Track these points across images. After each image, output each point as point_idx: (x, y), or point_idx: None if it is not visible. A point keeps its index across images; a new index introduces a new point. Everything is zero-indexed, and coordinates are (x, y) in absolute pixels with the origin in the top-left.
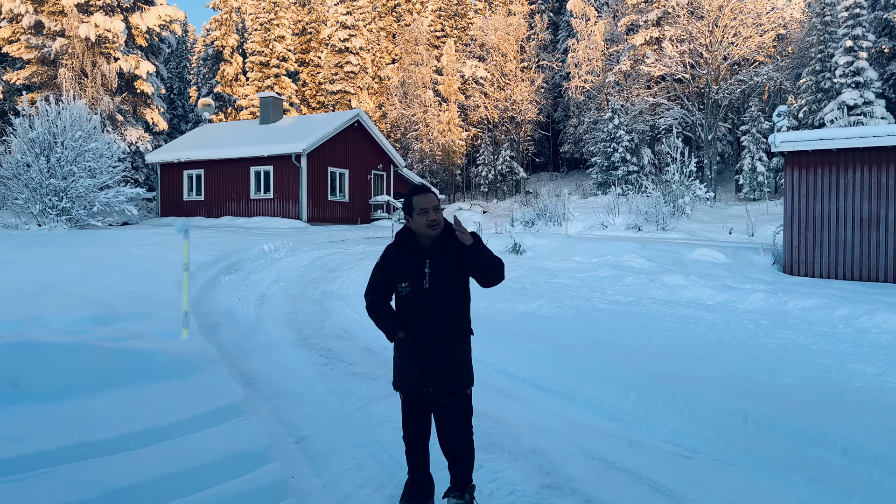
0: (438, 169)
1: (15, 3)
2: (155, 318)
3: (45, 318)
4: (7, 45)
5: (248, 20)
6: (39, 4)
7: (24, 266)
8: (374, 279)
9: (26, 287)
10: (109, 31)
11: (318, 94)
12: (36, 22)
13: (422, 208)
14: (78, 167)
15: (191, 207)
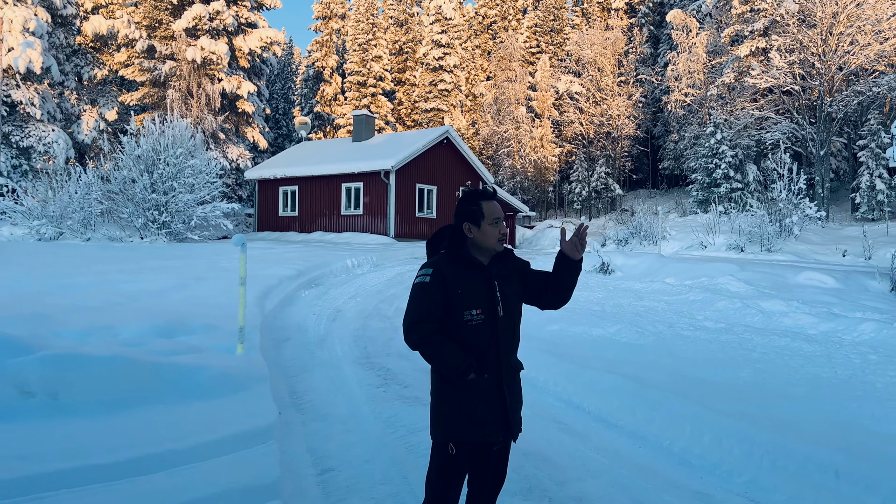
0: (530, 185)
1: (130, 29)
2: (219, 332)
3: (115, 329)
4: (123, 69)
5: (347, 41)
6: (152, 30)
7: (120, 277)
8: (427, 304)
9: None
10: (214, 54)
11: (412, 113)
12: (148, 46)
13: (495, 217)
14: (178, 183)
15: (285, 222)
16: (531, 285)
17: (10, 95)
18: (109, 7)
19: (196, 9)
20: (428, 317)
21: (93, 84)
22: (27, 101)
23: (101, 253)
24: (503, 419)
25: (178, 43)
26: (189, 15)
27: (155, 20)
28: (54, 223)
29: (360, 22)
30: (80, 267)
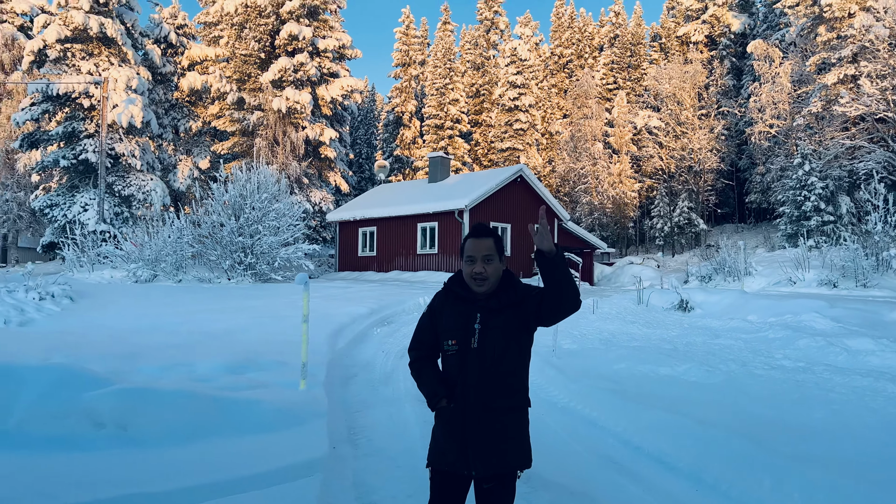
0: (609, 222)
1: (222, 83)
2: (287, 368)
3: (191, 366)
4: (215, 120)
5: (426, 86)
6: (241, 83)
7: (204, 316)
8: (419, 332)
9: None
10: (298, 103)
11: (489, 153)
12: (238, 99)
13: (468, 256)
14: (263, 226)
15: (364, 262)
16: (531, 304)
17: (114, 148)
18: (204, 63)
19: (282, 62)
20: (418, 345)
21: (188, 135)
22: (129, 154)
23: (189, 294)
24: (460, 451)
25: (265, 94)
26: (275, 68)
27: (244, 74)
28: (149, 266)
29: (438, 67)
30: (168, 307)
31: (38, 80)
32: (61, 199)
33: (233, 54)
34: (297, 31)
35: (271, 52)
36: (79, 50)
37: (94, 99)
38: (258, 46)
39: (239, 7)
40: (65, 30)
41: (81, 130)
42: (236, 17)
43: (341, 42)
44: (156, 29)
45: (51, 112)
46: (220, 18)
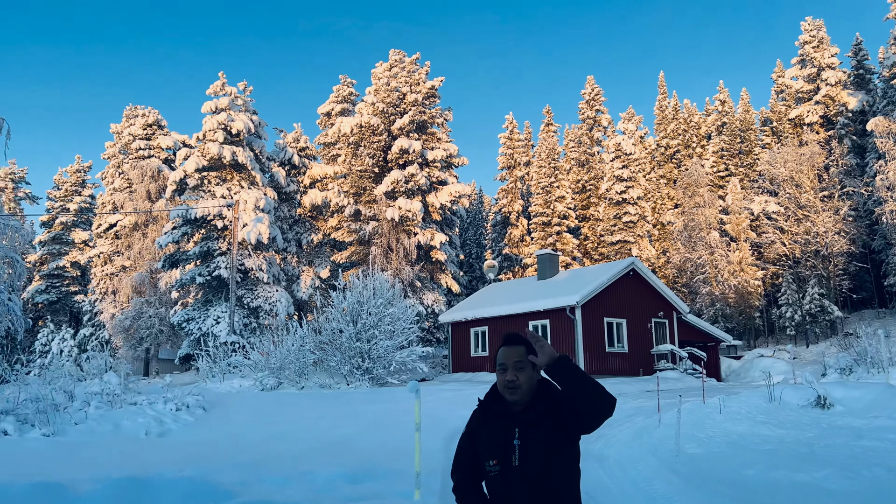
0: (732, 312)
1: (340, 197)
2: (403, 477)
3: (311, 475)
4: (334, 232)
5: (531, 185)
6: (357, 196)
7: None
8: (458, 454)
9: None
10: (410, 211)
11: (599, 246)
12: (355, 211)
13: (500, 364)
14: (379, 330)
15: (477, 363)
16: (565, 412)
17: (244, 264)
18: (324, 181)
19: (394, 174)
20: (458, 468)
21: (310, 247)
22: (257, 268)
23: (310, 401)
24: None
25: (379, 205)
26: (388, 180)
27: (360, 188)
28: (274, 374)
29: (543, 167)
30: (291, 415)
31: (179, 206)
32: (197, 314)
33: (349, 170)
34: (408, 146)
35: (384, 166)
36: (214, 177)
37: (226, 220)
38: (372, 162)
39: (354, 128)
40: (202, 160)
41: (215, 249)
42: (352, 137)
43: (448, 152)
44: (281, 153)
45: (189, 234)
46: (337, 139)
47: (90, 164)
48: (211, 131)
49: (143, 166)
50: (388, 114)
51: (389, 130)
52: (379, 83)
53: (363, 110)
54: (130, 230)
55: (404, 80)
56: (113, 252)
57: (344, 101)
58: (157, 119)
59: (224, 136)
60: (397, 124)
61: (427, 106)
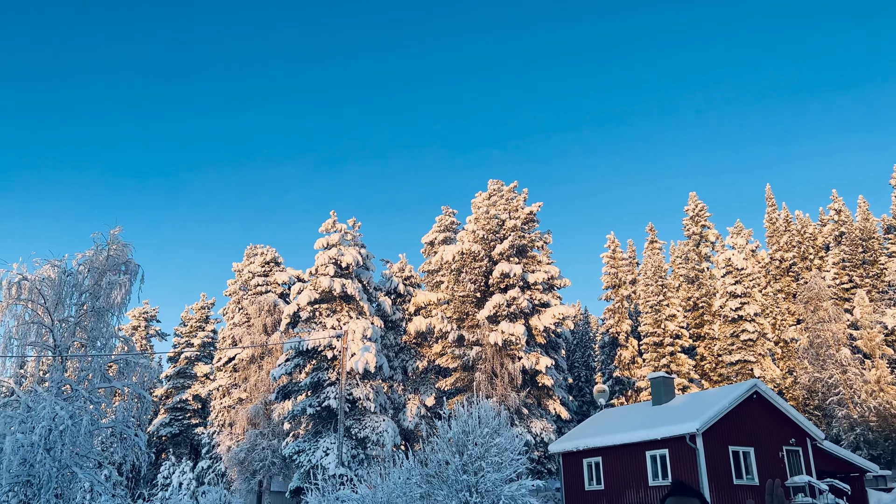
0: (876, 438)
1: (443, 323)
2: None
3: None
4: (439, 358)
5: (639, 304)
6: (460, 322)
7: None
8: None
9: None
10: (513, 335)
11: (717, 367)
12: (458, 336)
13: None
14: (486, 462)
15: (592, 497)
16: None
17: (352, 393)
18: (427, 307)
19: (496, 298)
20: None
21: (415, 374)
22: (364, 397)
23: None
24: None
25: (482, 329)
26: (490, 304)
27: (463, 313)
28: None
29: (650, 285)
30: None
31: (292, 338)
32: (307, 445)
33: (452, 296)
34: (509, 270)
35: (486, 291)
36: (325, 308)
37: (335, 350)
38: (474, 287)
39: (456, 255)
40: (314, 293)
41: (325, 379)
42: (454, 264)
43: (550, 274)
44: (387, 283)
45: (301, 365)
46: (440, 266)
47: (213, 301)
48: (323, 266)
49: (261, 301)
50: (489, 240)
51: (490, 256)
52: (479, 211)
53: (464, 238)
54: (247, 363)
55: (503, 207)
56: (231, 385)
57: (446, 230)
58: (275, 256)
59: (334, 269)
60: (497, 249)
61: (526, 230)
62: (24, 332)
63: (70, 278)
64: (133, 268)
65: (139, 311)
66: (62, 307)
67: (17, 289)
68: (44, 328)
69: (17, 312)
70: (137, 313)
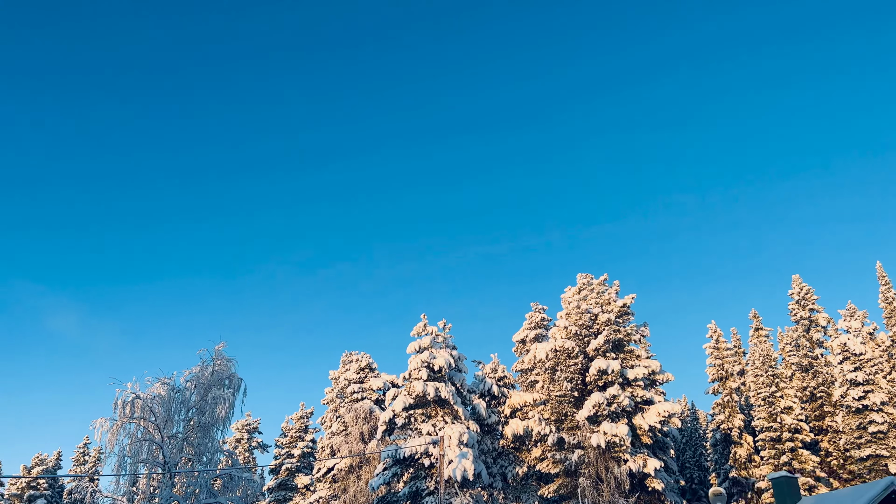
0: None
1: (541, 426)
2: None
3: None
4: (539, 463)
5: (750, 397)
6: (559, 423)
7: None
8: None
9: None
10: (616, 436)
11: (845, 463)
12: (558, 439)
13: None
14: None
15: None
16: None
17: (451, 502)
18: (524, 409)
19: (594, 397)
20: None
21: (515, 481)
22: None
23: None
24: None
25: (583, 431)
26: (589, 403)
27: (561, 414)
28: None
29: (759, 376)
30: None
31: (389, 446)
32: None
33: (548, 396)
34: (606, 366)
35: (583, 389)
36: (420, 414)
37: (432, 457)
38: (570, 386)
39: (549, 352)
40: (408, 398)
41: (423, 489)
42: (548, 362)
43: (650, 368)
44: (480, 384)
45: (398, 474)
46: (533, 364)
47: (311, 410)
48: (415, 370)
49: (357, 409)
50: (582, 335)
51: (585, 352)
52: (569, 307)
53: (556, 334)
54: (346, 473)
55: (594, 301)
56: (331, 496)
57: (537, 327)
58: (369, 362)
59: (427, 373)
60: (592, 345)
61: (621, 324)
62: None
63: (178, 395)
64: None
65: (242, 424)
66: (171, 423)
67: (131, 407)
68: (154, 445)
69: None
70: (240, 426)
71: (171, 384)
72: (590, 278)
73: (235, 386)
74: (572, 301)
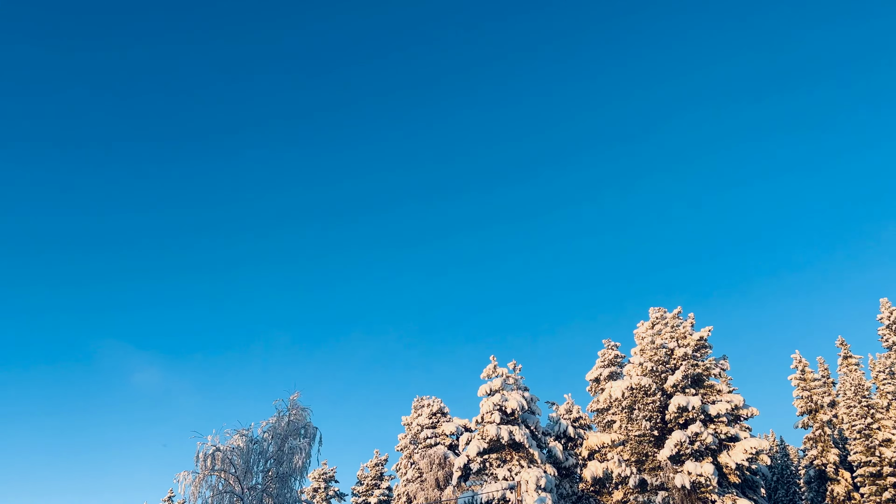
0: None
1: (621, 467)
2: None
3: None
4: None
5: (844, 430)
6: (640, 464)
7: None
8: None
9: None
10: (701, 476)
11: None
12: (639, 480)
13: None
14: None
15: None
16: None
17: None
18: (602, 451)
19: (676, 435)
20: None
21: None
22: None
23: None
24: None
25: (665, 471)
26: (670, 443)
27: (641, 454)
28: None
29: (853, 407)
30: None
31: (465, 492)
32: None
33: (627, 436)
34: (685, 402)
35: (663, 427)
36: (494, 458)
37: (510, 503)
38: (649, 425)
39: (625, 391)
40: (482, 442)
41: None
42: (625, 401)
43: (733, 403)
44: (555, 426)
45: None
46: (609, 404)
47: (386, 457)
48: (488, 413)
49: (431, 454)
50: (658, 371)
51: (663, 389)
52: (643, 342)
53: (631, 371)
54: None
55: (669, 335)
56: None
57: (610, 365)
58: (441, 407)
59: (500, 416)
60: (670, 381)
61: (699, 358)
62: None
63: (256, 446)
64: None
65: (318, 473)
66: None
67: (212, 460)
68: (235, 496)
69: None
70: (317, 475)
71: (249, 435)
72: (663, 312)
73: (311, 435)
74: (646, 336)
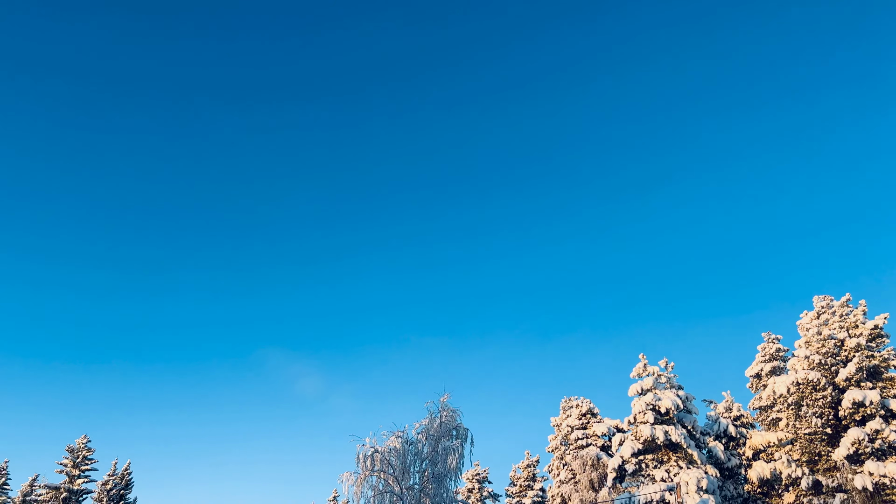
0: None
1: (791, 468)
2: None
3: None
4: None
5: None
6: (812, 465)
7: None
8: None
9: None
10: (885, 476)
11: None
12: (813, 482)
13: None
14: None
15: None
16: None
17: None
18: (768, 450)
19: (853, 433)
20: None
21: None
22: None
23: None
24: None
25: (843, 472)
26: (846, 441)
27: (813, 453)
28: None
29: None
30: None
31: (621, 494)
32: None
33: (795, 434)
34: (862, 397)
35: (837, 425)
36: (650, 459)
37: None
38: (821, 422)
39: (791, 386)
40: (636, 443)
41: None
42: (790, 397)
43: None
44: (714, 425)
45: None
46: (773, 401)
47: (537, 458)
48: (640, 413)
49: (583, 456)
50: (828, 365)
51: (833, 383)
52: (808, 334)
53: (796, 366)
54: None
55: (837, 325)
56: None
57: (772, 359)
58: (590, 408)
59: (653, 416)
60: (842, 375)
61: (874, 349)
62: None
63: (411, 447)
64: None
65: (472, 474)
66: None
67: (371, 461)
68: (394, 496)
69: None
70: (470, 475)
71: (404, 437)
72: (829, 300)
73: (463, 436)
74: (811, 327)
